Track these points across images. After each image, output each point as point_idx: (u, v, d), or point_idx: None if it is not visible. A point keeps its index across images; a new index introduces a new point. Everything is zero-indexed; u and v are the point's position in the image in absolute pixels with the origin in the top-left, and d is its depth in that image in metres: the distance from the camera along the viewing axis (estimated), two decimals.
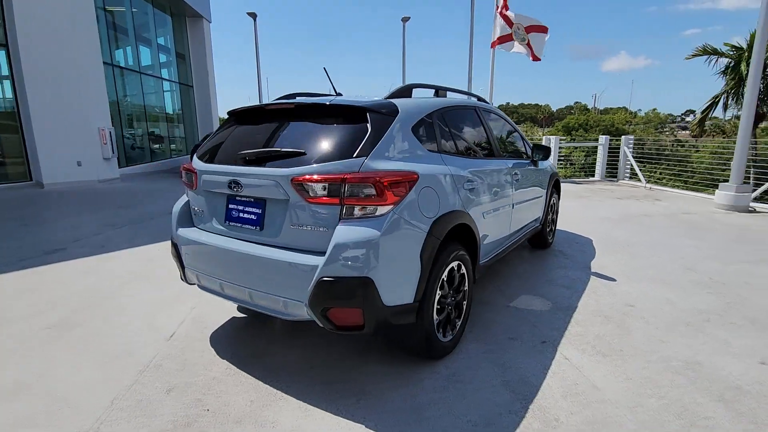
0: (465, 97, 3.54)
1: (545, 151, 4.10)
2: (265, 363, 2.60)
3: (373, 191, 2.03)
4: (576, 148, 14.98)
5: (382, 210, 2.06)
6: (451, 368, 2.52)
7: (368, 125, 2.22)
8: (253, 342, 2.87)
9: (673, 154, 11.54)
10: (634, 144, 10.74)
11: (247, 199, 2.35)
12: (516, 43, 10.81)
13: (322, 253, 2.08)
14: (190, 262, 2.63)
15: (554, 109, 74.47)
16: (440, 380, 2.40)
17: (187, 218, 2.76)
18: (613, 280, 3.95)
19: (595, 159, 11.28)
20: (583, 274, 4.13)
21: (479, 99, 3.80)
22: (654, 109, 46.50)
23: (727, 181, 7.35)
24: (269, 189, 2.20)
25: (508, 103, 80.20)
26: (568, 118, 35.75)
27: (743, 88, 10.78)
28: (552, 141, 11.16)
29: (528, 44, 10.84)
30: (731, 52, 11.07)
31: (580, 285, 3.83)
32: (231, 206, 2.45)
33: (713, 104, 12.36)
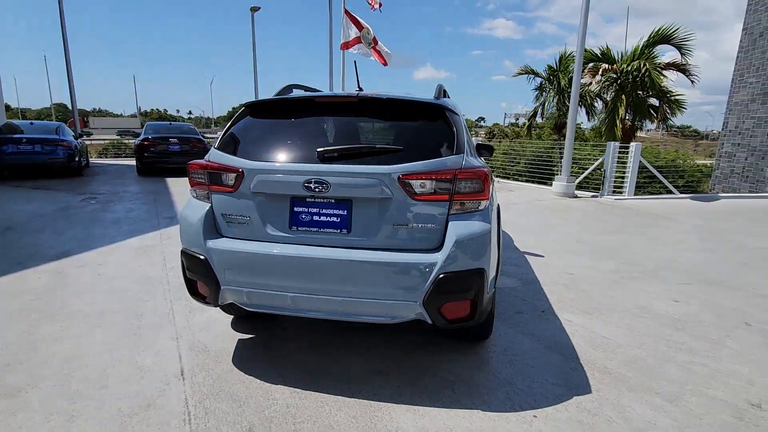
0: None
1: (488, 150, 4.68)
2: (329, 378, 2.40)
3: (480, 186, 2.13)
4: None
5: (485, 203, 2.18)
6: (499, 345, 2.79)
7: (450, 123, 2.29)
8: (290, 359, 2.59)
9: (506, 153, 14.11)
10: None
11: (327, 201, 2.14)
12: (366, 47, 11.57)
13: (431, 250, 2.09)
14: (234, 278, 2.22)
15: None
16: (500, 356, 2.65)
17: (213, 228, 2.31)
18: (542, 256, 4.81)
19: None
20: (515, 253, 4.89)
21: None
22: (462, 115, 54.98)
23: (552, 174, 9.48)
24: (366, 188, 2.07)
25: None
26: None
27: (561, 100, 13.90)
28: None
29: (374, 49, 11.78)
30: (545, 74, 14.30)
31: (523, 262, 4.56)
32: (298, 209, 2.18)
33: (534, 114, 15.71)
